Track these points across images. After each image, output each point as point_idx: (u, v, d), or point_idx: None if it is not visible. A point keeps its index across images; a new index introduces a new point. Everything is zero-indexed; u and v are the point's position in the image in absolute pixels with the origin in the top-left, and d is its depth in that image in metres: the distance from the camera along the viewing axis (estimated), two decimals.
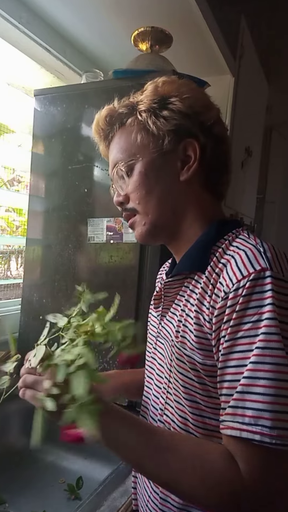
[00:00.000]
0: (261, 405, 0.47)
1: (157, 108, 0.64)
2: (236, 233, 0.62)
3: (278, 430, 0.45)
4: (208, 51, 1.44)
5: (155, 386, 0.70)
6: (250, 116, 1.92)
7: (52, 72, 1.50)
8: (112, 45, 1.48)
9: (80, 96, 1.25)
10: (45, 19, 1.35)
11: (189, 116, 0.64)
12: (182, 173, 0.65)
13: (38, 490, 1.05)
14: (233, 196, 1.71)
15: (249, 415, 0.47)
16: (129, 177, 0.67)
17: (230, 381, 0.51)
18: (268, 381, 0.47)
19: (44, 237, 1.33)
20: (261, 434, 0.46)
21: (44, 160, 1.34)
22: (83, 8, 1.27)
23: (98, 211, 1.22)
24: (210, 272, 0.58)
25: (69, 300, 1.26)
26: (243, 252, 0.55)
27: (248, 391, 0.48)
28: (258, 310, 0.50)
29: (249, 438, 0.47)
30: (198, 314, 0.57)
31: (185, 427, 0.60)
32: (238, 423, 0.48)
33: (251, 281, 0.51)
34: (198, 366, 0.57)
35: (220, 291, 0.54)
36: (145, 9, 1.25)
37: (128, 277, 1.17)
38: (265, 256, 0.53)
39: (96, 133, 0.73)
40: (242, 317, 0.51)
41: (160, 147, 0.65)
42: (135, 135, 0.66)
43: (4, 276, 1.70)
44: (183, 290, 0.65)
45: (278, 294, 0.50)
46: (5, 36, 1.28)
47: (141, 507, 0.70)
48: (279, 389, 0.47)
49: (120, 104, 0.69)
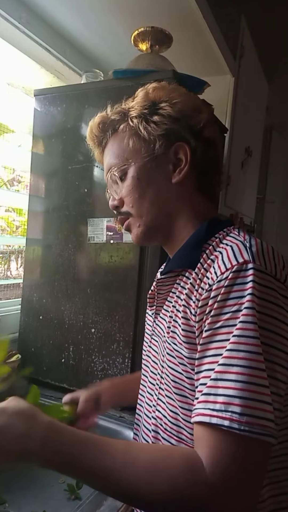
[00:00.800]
0: (232, 391, 0.47)
1: (148, 114, 0.67)
2: (227, 231, 0.63)
3: (247, 417, 0.46)
4: (208, 51, 1.44)
5: (149, 384, 0.71)
6: (250, 116, 1.92)
7: (52, 72, 1.50)
8: (112, 45, 1.48)
9: (80, 96, 1.25)
10: (45, 19, 1.35)
11: (178, 120, 0.66)
12: (174, 176, 0.67)
13: (38, 490, 1.05)
14: (233, 196, 1.71)
15: (220, 401, 0.47)
16: (123, 181, 0.70)
17: (207, 370, 0.52)
18: (241, 368, 0.48)
19: (44, 237, 1.33)
20: (230, 420, 0.46)
21: (44, 160, 1.34)
22: (83, 8, 1.28)
23: (98, 211, 1.22)
24: (199, 268, 0.59)
25: (69, 300, 1.27)
26: (230, 248, 0.56)
27: (221, 378, 0.49)
28: (238, 300, 0.51)
29: (218, 423, 0.47)
30: (185, 308, 0.59)
31: (176, 421, 0.61)
32: (209, 410, 0.48)
33: (234, 273, 0.52)
34: (185, 361, 0.58)
35: (205, 284, 0.56)
36: (145, 9, 1.26)
37: (128, 277, 1.17)
38: (250, 250, 0.54)
39: (91, 140, 0.76)
40: (223, 307, 0.52)
41: (152, 151, 0.67)
42: (127, 141, 0.68)
43: (4, 276, 1.70)
44: (175, 287, 0.66)
45: (259, 286, 0.51)
46: (5, 36, 1.28)
47: None
48: (251, 377, 0.47)
49: (112, 111, 0.72)
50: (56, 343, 1.28)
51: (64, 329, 1.27)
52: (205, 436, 0.49)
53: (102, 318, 1.21)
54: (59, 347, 1.28)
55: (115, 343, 1.19)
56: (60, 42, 1.43)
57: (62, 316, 1.27)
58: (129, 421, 1.13)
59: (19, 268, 1.74)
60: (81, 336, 1.24)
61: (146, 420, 0.70)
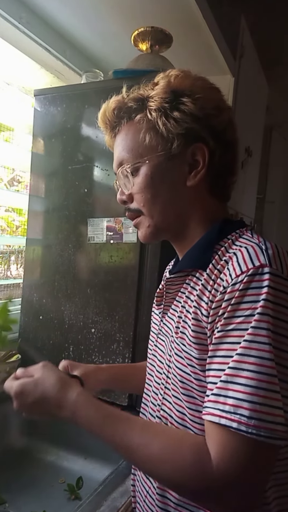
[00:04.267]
0: (241, 395, 0.48)
1: (169, 108, 0.62)
2: (239, 233, 0.62)
3: (255, 420, 0.47)
4: (208, 51, 1.44)
5: (154, 383, 0.71)
6: (250, 116, 1.92)
7: (52, 72, 1.50)
8: (112, 45, 1.48)
9: (80, 96, 1.25)
10: (45, 19, 1.35)
11: (200, 119, 0.62)
12: (189, 178, 0.65)
13: (38, 490, 1.05)
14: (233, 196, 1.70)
15: (230, 403, 0.49)
16: (134, 177, 0.66)
17: (216, 370, 0.52)
18: (251, 373, 0.48)
19: (44, 237, 1.33)
20: (238, 422, 0.48)
21: (44, 160, 1.34)
22: (83, 8, 1.27)
23: (98, 211, 1.22)
24: (212, 269, 0.58)
25: (69, 300, 1.27)
26: (245, 249, 0.55)
27: (232, 381, 0.50)
28: (252, 305, 0.51)
29: (227, 425, 0.48)
30: (196, 310, 0.58)
31: (182, 421, 0.61)
32: (218, 410, 0.50)
33: (249, 276, 0.52)
34: (194, 362, 0.58)
35: (219, 286, 0.55)
36: (145, 9, 1.26)
37: (128, 277, 1.17)
38: (266, 253, 0.53)
39: (102, 123, 0.71)
40: (236, 310, 0.52)
41: (168, 150, 0.63)
42: (143, 135, 0.65)
43: (4, 276, 1.69)
44: (184, 287, 0.65)
45: (275, 291, 0.50)
46: (5, 36, 1.28)
47: (139, 503, 0.71)
48: (260, 382, 0.48)
49: (129, 97, 0.67)
50: (56, 343, 1.28)
51: (64, 329, 1.27)
52: (214, 433, 0.51)
53: (102, 318, 1.21)
54: (59, 347, 1.28)
55: (115, 343, 1.19)
56: (60, 42, 1.43)
57: (62, 316, 1.27)
58: None
59: (19, 268, 1.73)
60: (81, 336, 1.24)
61: (151, 419, 0.69)
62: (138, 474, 0.75)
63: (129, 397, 1.17)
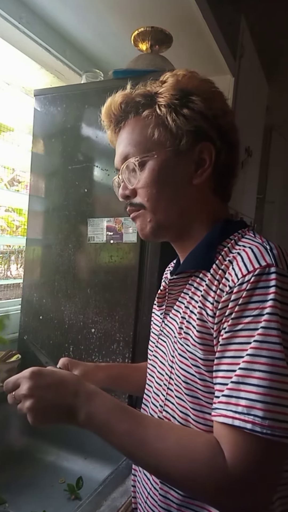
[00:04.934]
0: (254, 395, 0.48)
1: (178, 105, 0.63)
2: (242, 233, 0.63)
3: (269, 420, 0.47)
4: (208, 51, 1.44)
5: (156, 384, 0.71)
6: (250, 116, 1.92)
7: (52, 72, 1.50)
8: (112, 45, 1.48)
9: (80, 96, 1.25)
10: (45, 19, 1.35)
11: (208, 118, 0.63)
12: (195, 177, 0.65)
13: (38, 490, 1.05)
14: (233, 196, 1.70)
15: (243, 404, 0.49)
16: (140, 171, 0.65)
17: (226, 370, 0.52)
18: (263, 373, 0.48)
19: (44, 237, 1.33)
20: (252, 423, 0.47)
21: (44, 160, 1.34)
22: (83, 8, 1.27)
23: (98, 211, 1.22)
24: (216, 269, 0.58)
25: (69, 300, 1.27)
26: (250, 249, 0.55)
27: (243, 381, 0.49)
28: (260, 304, 0.51)
29: (241, 426, 0.48)
30: (201, 310, 0.58)
31: (186, 422, 0.61)
32: (231, 412, 0.49)
33: (256, 276, 0.52)
34: (199, 362, 0.58)
35: (225, 286, 0.55)
36: (145, 9, 1.25)
37: (128, 277, 1.17)
38: (271, 253, 0.53)
39: (107, 117, 0.71)
40: (244, 310, 0.52)
41: (177, 146, 0.63)
42: (152, 130, 0.64)
43: (4, 276, 1.70)
44: (187, 288, 0.65)
45: (282, 290, 0.51)
46: (5, 36, 1.28)
47: (140, 504, 0.70)
48: (273, 382, 0.48)
49: (136, 92, 0.67)
50: (56, 343, 1.28)
51: (64, 329, 1.27)
52: (226, 435, 0.51)
53: (102, 318, 1.21)
54: (59, 347, 1.28)
55: (115, 343, 1.19)
56: (60, 42, 1.43)
57: (62, 316, 1.27)
58: None
59: (19, 268, 1.74)
60: (81, 336, 1.24)
61: None
62: (138, 474, 0.74)
63: (129, 397, 1.17)
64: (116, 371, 0.88)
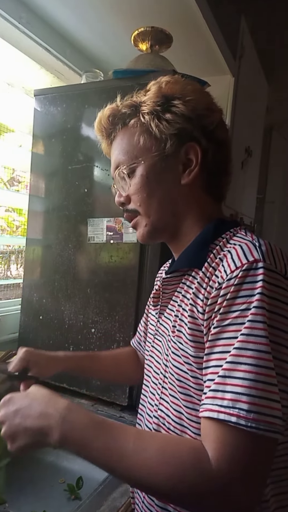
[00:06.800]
0: (240, 389, 0.48)
1: (160, 111, 0.65)
2: (234, 232, 0.64)
3: (254, 414, 0.46)
4: (208, 51, 1.44)
5: (152, 383, 0.71)
6: (250, 116, 1.92)
7: (52, 72, 1.50)
8: (112, 45, 1.48)
9: (80, 96, 1.25)
10: (45, 19, 1.35)
11: (191, 119, 0.64)
12: (183, 177, 0.66)
13: (38, 490, 1.05)
14: (233, 196, 1.71)
15: (228, 398, 0.48)
16: (131, 178, 0.68)
17: (214, 366, 0.52)
18: (249, 366, 0.48)
19: (44, 237, 1.33)
20: (237, 416, 0.47)
21: (44, 160, 1.34)
22: (83, 8, 1.28)
23: (98, 211, 1.22)
24: (207, 267, 0.59)
25: (69, 300, 1.27)
26: (239, 247, 0.56)
27: (229, 375, 0.49)
28: (248, 299, 0.51)
29: (225, 419, 0.48)
30: (192, 307, 0.59)
31: (179, 420, 0.61)
32: (217, 406, 0.49)
33: (243, 271, 0.52)
34: (191, 360, 0.58)
35: (214, 282, 0.56)
36: (145, 9, 1.26)
37: (128, 277, 1.17)
38: (260, 249, 0.54)
39: (99, 131, 0.74)
40: (231, 305, 0.52)
41: (162, 150, 0.66)
42: (137, 137, 0.67)
43: (4, 276, 1.70)
44: (181, 286, 0.66)
45: (269, 285, 0.51)
46: (5, 36, 1.28)
47: (138, 504, 0.71)
48: (259, 375, 0.48)
49: (123, 104, 0.70)
50: (56, 343, 1.28)
51: (64, 329, 1.27)
52: (212, 430, 0.50)
53: (102, 318, 1.21)
54: (59, 347, 1.27)
55: (115, 343, 1.19)
56: (60, 42, 1.43)
57: (62, 316, 1.27)
58: (129, 421, 1.13)
59: (19, 268, 1.73)
60: (81, 336, 1.24)
61: (148, 420, 0.70)
62: None
63: (129, 397, 1.17)
64: (74, 364, 0.88)
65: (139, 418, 0.77)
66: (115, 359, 0.96)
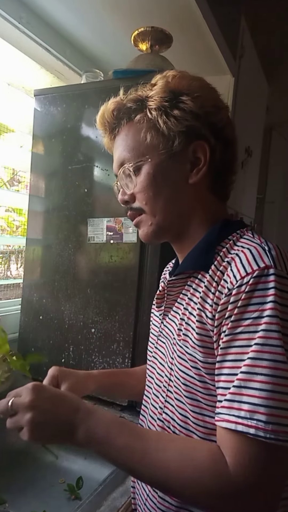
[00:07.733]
0: (257, 400, 0.47)
1: (168, 107, 0.63)
2: (240, 233, 0.62)
3: (273, 425, 0.46)
4: (208, 51, 1.44)
5: (155, 386, 0.70)
6: (250, 116, 1.92)
7: (52, 72, 1.50)
8: (112, 45, 1.48)
9: (80, 96, 1.25)
10: (45, 19, 1.35)
11: (200, 116, 0.63)
12: (191, 176, 0.65)
13: (38, 490, 1.05)
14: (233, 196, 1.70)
15: (245, 409, 0.48)
16: (136, 176, 0.66)
17: (228, 374, 0.52)
18: (265, 377, 0.48)
19: (44, 237, 1.33)
20: (256, 428, 0.47)
21: (44, 160, 1.34)
22: (83, 8, 1.27)
23: (98, 211, 1.22)
24: (214, 270, 0.58)
25: (69, 300, 1.27)
26: (248, 251, 0.55)
27: (245, 385, 0.49)
28: (260, 307, 0.50)
29: (244, 431, 0.48)
30: (200, 312, 0.58)
31: (185, 425, 0.60)
32: (234, 416, 0.49)
33: (255, 278, 0.51)
34: (199, 364, 0.57)
35: (223, 288, 0.55)
36: (145, 9, 1.25)
37: (128, 277, 1.17)
38: (270, 254, 0.53)
39: (101, 126, 0.72)
40: (243, 312, 0.51)
41: (170, 148, 0.64)
42: (144, 134, 0.65)
43: (4, 276, 1.70)
44: (186, 289, 0.65)
45: (281, 292, 0.50)
46: (5, 36, 1.28)
47: (140, 505, 0.70)
48: (276, 385, 0.47)
49: (128, 98, 0.67)
50: (56, 343, 1.28)
51: (64, 329, 1.27)
52: (229, 439, 0.50)
53: (102, 318, 1.21)
54: (59, 347, 1.28)
55: (115, 343, 1.19)
56: (60, 42, 1.43)
57: (62, 316, 1.27)
58: (129, 421, 1.12)
59: (19, 268, 1.73)
60: (81, 336, 1.24)
61: (151, 422, 0.69)
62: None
63: None
64: (108, 380, 0.85)
65: (142, 419, 0.76)
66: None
